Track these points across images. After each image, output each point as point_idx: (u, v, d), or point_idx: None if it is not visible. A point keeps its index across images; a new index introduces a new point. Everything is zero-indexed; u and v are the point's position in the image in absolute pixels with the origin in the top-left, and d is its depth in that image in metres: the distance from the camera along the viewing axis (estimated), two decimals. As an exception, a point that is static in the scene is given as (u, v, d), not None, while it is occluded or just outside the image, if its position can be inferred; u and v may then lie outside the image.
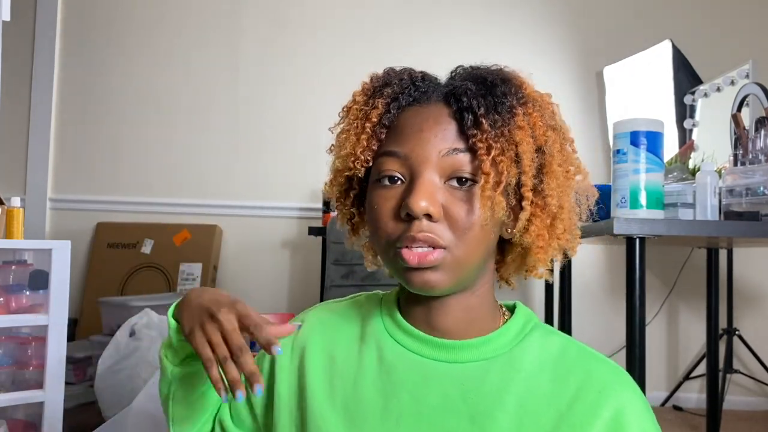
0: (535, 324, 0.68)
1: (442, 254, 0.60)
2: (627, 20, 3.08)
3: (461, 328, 0.65)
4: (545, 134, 0.62)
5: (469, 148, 0.60)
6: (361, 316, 0.71)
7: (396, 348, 0.67)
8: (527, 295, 3.00)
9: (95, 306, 2.50)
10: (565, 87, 3.06)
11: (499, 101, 0.61)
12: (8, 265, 1.74)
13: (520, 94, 0.62)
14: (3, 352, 1.71)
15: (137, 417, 1.72)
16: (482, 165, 0.59)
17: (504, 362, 0.64)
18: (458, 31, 3.07)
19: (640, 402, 0.62)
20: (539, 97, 0.65)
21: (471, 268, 0.62)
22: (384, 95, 0.64)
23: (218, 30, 3.13)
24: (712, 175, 1.55)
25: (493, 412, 0.61)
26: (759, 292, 2.96)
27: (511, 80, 0.64)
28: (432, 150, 0.60)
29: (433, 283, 0.61)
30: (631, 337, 1.44)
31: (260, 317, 0.61)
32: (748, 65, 2.36)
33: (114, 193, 3.08)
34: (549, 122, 0.63)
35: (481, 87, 0.62)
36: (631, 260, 1.45)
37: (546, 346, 0.66)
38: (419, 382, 0.64)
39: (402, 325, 0.68)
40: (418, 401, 0.63)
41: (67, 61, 3.13)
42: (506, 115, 0.60)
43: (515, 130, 0.60)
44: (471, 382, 0.63)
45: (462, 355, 0.65)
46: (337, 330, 0.71)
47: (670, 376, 2.93)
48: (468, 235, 0.60)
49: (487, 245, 0.62)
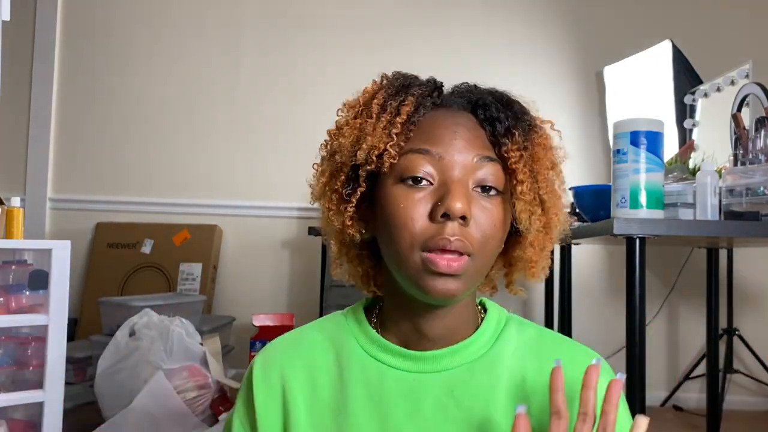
0: (507, 317, 0.70)
1: (467, 262, 0.60)
2: (627, 20, 3.08)
3: (449, 333, 0.66)
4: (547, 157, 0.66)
5: (498, 158, 0.62)
6: (331, 341, 0.69)
7: (380, 368, 0.65)
8: (527, 295, 3.00)
9: (95, 306, 2.50)
10: (565, 87, 3.06)
11: (521, 118, 0.64)
12: (8, 265, 1.74)
13: (530, 116, 0.66)
14: (3, 352, 1.71)
15: (137, 417, 1.73)
16: (517, 174, 0.62)
17: (487, 361, 0.65)
18: (458, 32, 3.07)
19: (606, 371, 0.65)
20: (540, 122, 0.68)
21: (482, 277, 0.65)
22: (413, 94, 0.64)
23: (218, 30, 3.13)
24: (712, 175, 1.55)
25: (487, 411, 0.62)
26: (759, 292, 2.96)
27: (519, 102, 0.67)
28: (467, 154, 0.61)
29: (453, 291, 0.60)
30: (631, 337, 1.44)
31: None
32: (748, 65, 2.35)
33: (114, 193, 3.08)
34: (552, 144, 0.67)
35: (500, 102, 0.65)
36: (631, 260, 1.45)
37: (523, 337, 0.68)
38: (411, 398, 0.64)
39: (380, 343, 0.67)
40: (414, 417, 0.63)
41: (67, 61, 3.13)
42: (529, 132, 0.64)
43: (537, 147, 0.64)
44: (460, 387, 0.64)
45: (446, 363, 0.65)
46: (311, 360, 0.68)
47: (670, 376, 2.93)
48: (490, 243, 0.61)
49: (498, 249, 0.65)
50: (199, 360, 1.98)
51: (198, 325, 2.22)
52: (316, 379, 0.67)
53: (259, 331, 2.46)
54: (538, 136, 0.65)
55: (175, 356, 1.92)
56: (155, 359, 1.88)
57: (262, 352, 0.71)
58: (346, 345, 0.68)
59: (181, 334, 1.97)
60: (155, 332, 1.94)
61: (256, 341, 2.44)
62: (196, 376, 1.92)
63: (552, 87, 3.04)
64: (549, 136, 0.67)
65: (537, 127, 0.66)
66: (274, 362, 0.69)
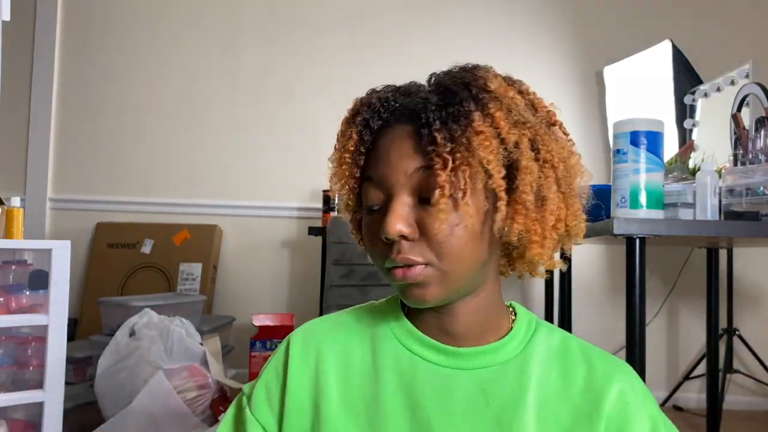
0: (537, 323, 0.70)
1: (424, 270, 0.60)
2: (627, 20, 3.08)
3: (475, 330, 0.66)
4: (510, 131, 0.60)
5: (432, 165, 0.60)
6: (369, 329, 0.70)
7: (413, 359, 0.66)
8: (527, 295, 3.00)
9: (95, 306, 2.50)
10: (565, 87, 3.06)
11: (457, 110, 0.60)
12: (8, 265, 1.74)
13: (481, 96, 0.61)
14: (3, 352, 1.71)
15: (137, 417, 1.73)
16: (437, 179, 0.58)
17: (518, 363, 0.66)
18: (458, 31, 3.07)
19: (641, 384, 0.66)
20: (504, 92, 0.62)
21: (464, 278, 0.62)
22: (356, 123, 0.64)
23: (218, 30, 3.13)
24: (712, 175, 1.55)
25: (516, 412, 0.63)
26: (759, 292, 2.96)
27: (475, 81, 0.62)
28: (399, 172, 0.61)
29: (425, 297, 0.62)
30: (631, 337, 1.44)
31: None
32: (748, 65, 2.36)
33: (114, 193, 3.08)
34: (516, 117, 0.61)
35: (442, 98, 0.61)
36: (631, 260, 1.45)
37: (550, 343, 0.68)
38: (442, 391, 0.64)
39: (415, 335, 0.68)
40: (444, 410, 0.64)
41: (67, 61, 3.13)
42: (463, 123, 0.59)
43: (473, 136, 0.59)
44: (491, 386, 0.64)
45: (479, 361, 0.66)
46: (346, 344, 0.69)
47: (670, 376, 2.93)
48: (447, 249, 0.60)
49: (476, 253, 0.62)
50: (199, 360, 1.98)
51: (198, 325, 2.22)
52: (350, 364, 0.68)
53: (259, 331, 2.46)
54: (483, 119, 0.60)
55: (175, 356, 1.92)
56: (155, 359, 1.88)
57: (302, 328, 0.72)
58: (381, 334, 0.69)
59: (181, 334, 1.97)
60: (155, 332, 1.94)
61: (256, 341, 2.44)
62: (196, 376, 1.92)
63: (552, 87, 3.04)
64: (506, 111, 0.61)
65: (485, 107, 0.60)
66: (312, 339, 0.70)
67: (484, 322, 0.67)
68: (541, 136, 0.63)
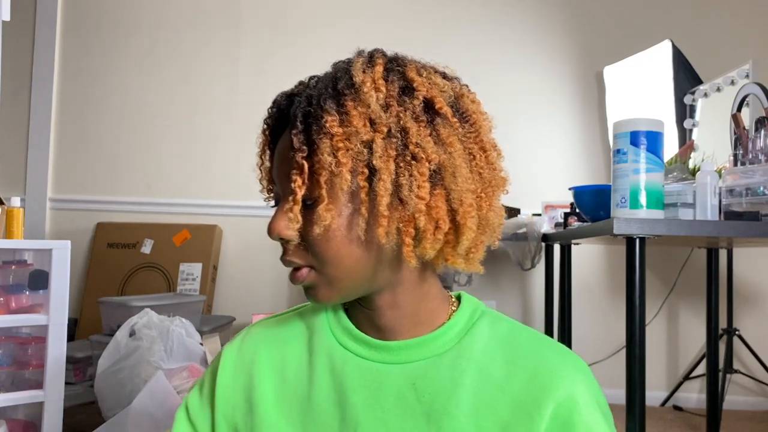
0: (483, 311, 0.66)
1: (308, 273, 0.61)
2: (627, 20, 3.08)
3: (404, 323, 0.64)
4: (364, 130, 0.57)
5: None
6: (308, 327, 0.69)
7: (346, 355, 0.65)
8: (527, 296, 3.00)
9: (95, 306, 2.50)
10: (565, 87, 3.06)
11: (315, 111, 0.58)
12: (8, 265, 1.74)
13: (344, 92, 0.58)
14: (3, 352, 1.71)
15: (137, 417, 1.73)
16: (291, 185, 0.57)
17: (454, 355, 0.63)
18: (458, 31, 3.07)
19: (591, 387, 0.60)
20: (367, 85, 0.58)
21: (351, 280, 0.61)
22: (265, 123, 0.66)
23: (218, 29, 3.13)
24: (712, 175, 1.55)
25: (447, 408, 0.60)
26: (759, 292, 2.96)
27: (344, 75, 0.60)
28: (280, 175, 0.62)
29: (316, 298, 0.63)
30: (631, 337, 1.44)
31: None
32: (748, 65, 2.36)
33: (114, 193, 3.08)
34: (371, 113, 0.57)
35: (309, 97, 0.60)
36: (631, 260, 1.45)
37: (495, 333, 0.64)
38: (372, 387, 0.63)
39: (350, 330, 0.66)
40: (374, 406, 0.62)
41: (67, 61, 3.13)
42: (319, 125, 0.57)
43: (326, 139, 0.56)
44: (423, 380, 0.62)
45: (411, 355, 0.63)
46: (284, 344, 0.69)
47: (670, 376, 2.93)
48: (321, 254, 0.59)
49: (354, 256, 0.59)
50: (199, 360, 1.98)
51: (198, 325, 2.22)
52: (287, 363, 0.67)
53: (259, 331, 2.46)
54: (338, 120, 0.57)
55: (175, 356, 1.92)
56: (155, 359, 1.88)
57: (242, 333, 0.73)
58: (319, 331, 0.68)
59: (181, 334, 1.97)
60: (155, 332, 1.94)
61: (256, 341, 2.43)
62: (196, 376, 1.92)
63: (552, 87, 3.04)
64: (365, 106, 0.57)
65: (342, 106, 0.57)
66: (249, 343, 0.70)
67: (411, 316, 0.64)
68: (410, 129, 0.57)
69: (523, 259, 2.57)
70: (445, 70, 0.66)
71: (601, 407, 0.60)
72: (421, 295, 0.64)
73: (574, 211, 2.25)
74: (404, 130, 0.57)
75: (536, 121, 3.02)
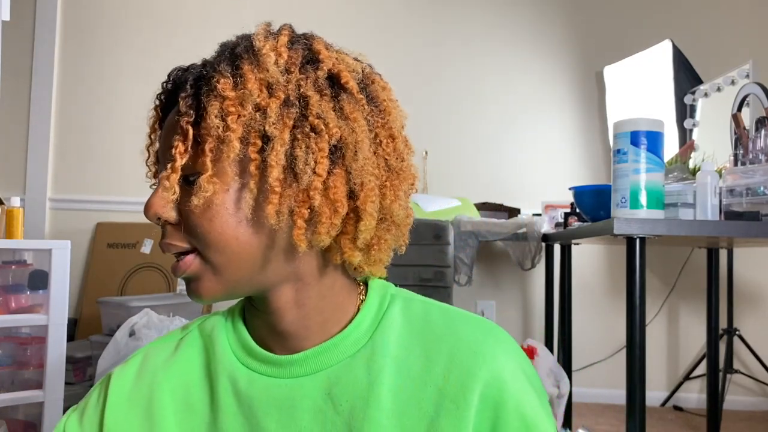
0: (392, 296, 0.60)
1: (193, 260, 0.54)
2: (627, 20, 3.08)
3: (309, 326, 0.58)
4: (260, 94, 0.52)
5: None
6: (206, 348, 0.62)
7: (250, 375, 0.58)
8: (527, 295, 3.00)
9: (95, 306, 2.50)
10: (565, 87, 3.06)
11: (209, 73, 0.54)
12: (8, 265, 1.74)
13: (240, 56, 0.54)
14: (3, 352, 1.71)
15: (137, 417, 1.72)
16: (171, 152, 0.52)
17: (367, 353, 0.57)
18: (458, 31, 3.07)
19: (516, 359, 0.56)
20: (266, 50, 0.54)
21: (239, 268, 0.54)
22: (156, 103, 0.61)
23: (218, 29, 3.12)
24: (712, 175, 1.55)
25: (367, 412, 0.55)
26: (759, 292, 2.96)
27: (244, 41, 0.57)
28: (164, 148, 0.56)
29: (200, 293, 0.55)
30: (631, 337, 1.44)
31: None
32: (748, 65, 2.36)
33: (114, 193, 3.08)
34: (268, 77, 0.53)
35: (203, 65, 0.56)
36: (631, 260, 1.45)
37: (408, 319, 0.58)
38: (285, 407, 0.57)
39: (249, 347, 0.59)
40: (289, 428, 0.56)
41: (67, 61, 3.13)
42: (209, 88, 0.53)
43: (214, 102, 0.52)
44: (338, 387, 0.56)
45: (321, 362, 0.57)
46: (184, 370, 0.61)
47: (670, 376, 2.93)
48: (203, 235, 0.53)
49: (242, 239, 0.53)
50: (199, 360, 1.98)
51: (198, 325, 2.22)
52: (191, 390, 0.60)
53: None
54: (231, 83, 0.53)
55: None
56: (155, 359, 1.88)
57: (138, 361, 0.63)
58: (218, 351, 0.60)
59: (181, 334, 1.97)
60: (155, 332, 1.93)
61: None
62: (196, 376, 1.92)
63: (552, 87, 3.04)
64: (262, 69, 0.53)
65: (237, 69, 0.53)
66: (146, 374, 0.62)
67: (315, 314, 0.57)
68: (310, 99, 0.53)
69: (523, 259, 2.57)
70: (357, 56, 0.61)
71: (530, 379, 0.56)
72: (325, 289, 0.58)
73: (574, 211, 2.25)
74: (304, 98, 0.53)
75: (536, 121, 3.02)
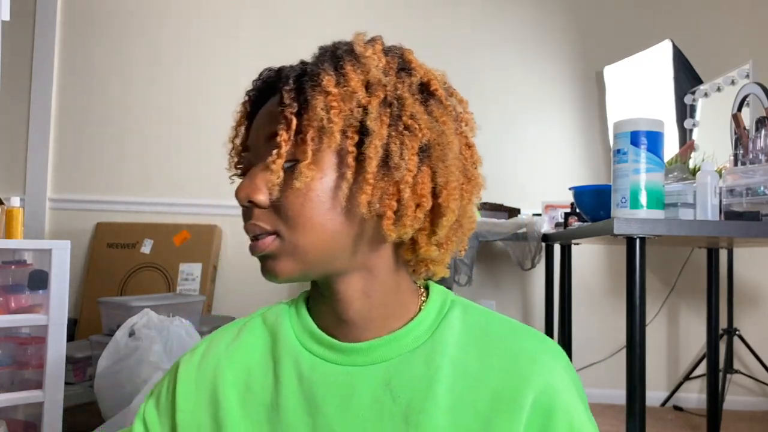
0: (453, 301, 0.64)
1: (272, 241, 0.58)
2: (627, 20, 3.08)
3: (373, 317, 0.61)
4: (360, 91, 0.56)
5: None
6: (270, 333, 0.65)
7: (313, 361, 0.62)
8: (527, 295, 3.00)
9: (95, 306, 2.50)
10: (565, 87, 3.06)
11: (312, 70, 0.58)
12: (8, 265, 1.74)
13: (341, 57, 0.58)
14: (3, 352, 1.71)
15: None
16: (277, 140, 0.56)
17: (427, 350, 0.60)
18: (458, 31, 3.07)
19: (568, 372, 0.60)
20: (367, 53, 0.58)
21: (318, 251, 0.58)
22: (245, 99, 0.66)
23: (218, 29, 3.13)
24: (712, 175, 1.55)
25: (424, 405, 0.58)
26: (759, 292, 2.95)
27: (344, 45, 0.60)
28: (260, 137, 0.60)
29: (275, 271, 0.59)
30: (631, 337, 1.44)
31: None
32: (748, 65, 2.36)
33: (114, 193, 3.08)
34: (370, 77, 0.57)
35: (305, 64, 0.60)
36: (631, 260, 1.45)
37: (467, 323, 0.62)
38: (344, 393, 0.60)
39: (313, 333, 0.63)
40: (347, 413, 0.59)
41: (67, 62, 3.13)
42: (313, 83, 0.56)
43: (321, 96, 0.56)
44: (397, 379, 0.59)
45: (382, 354, 0.60)
46: (247, 354, 0.65)
47: (670, 376, 2.93)
48: (294, 218, 0.57)
49: (328, 224, 0.57)
50: (199, 360, 1.98)
51: (198, 325, 2.22)
52: (252, 373, 0.64)
53: (259, 331, 2.46)
54: (334, 80, 0.56)
55: (175, 356, 1.92)
56: (155, 359, 1.88)
57: (203, 347, 0.68)
58: (282, 336, 0.64)
59: (180, 334, 1.97)
60: (155, 332, 1.94)
61: (256, 341, 2.43)
62: (196, 376, 1.91)
63: (552, 87, 3.04)
64: (365, 71, 0.57)
65: (340, 69, 0.57)
66: (210, 358, 0.66)
67: (381, 307, 0.61)
68: (404, 99, 0.57)
69: (523, 259, 2.57)
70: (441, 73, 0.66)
71: (579, 392, 0.59)
72: (394, 285, 0.62)
73: (574, 211, 2.25)
74: (400, 99, 0.57)
75: (536, 121, 3.02)
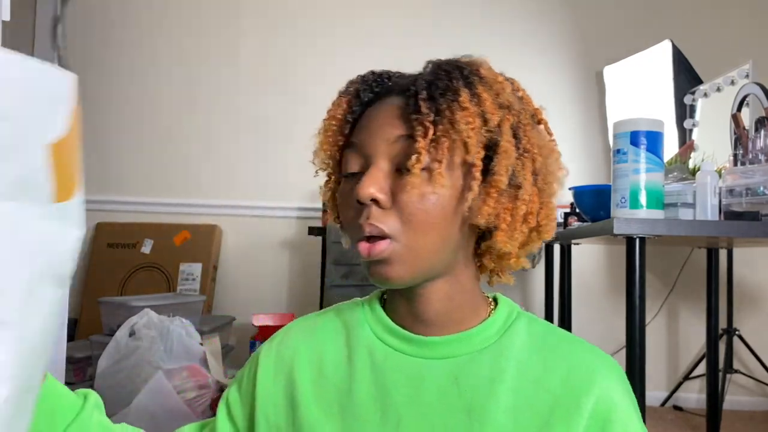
0: (519, 312, 0.69)
1: (389, 245, 0.60)
2: (627, 20, 3.08)
3: (448, 317, 0.65)
4: (494, 113, 0.61)
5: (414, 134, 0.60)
6: (344, 324, 0.71)
7: (385, 350, 0.66)
8: (527, 295, 3.00)
9: (95, 306, 2.50)
10: (565, 87, 3.06)
11: (446, 84, 0.61)
12: (8, 265, 1.74)
13: (470, 78, 0.62)
14: (3, 352, 1.71)
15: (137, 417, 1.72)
16: (416, 146, 0.58)
17: (494, 352, 0.64)
18: (457, 31, 3.07)
19: (625, 385, 0.63)
20: (494, 77, 0.64)
21: (430, 257, 0.61)
22: (348, 93, 0.67)
23: (218, 29, 3.13)
24: (712, 175, 1.55)
25: (488, 401, 0.61)
26: (759, 292, 2.96)
27: (468, 65, 0.64)
28: (380, 138, 0.61)
29: (388, 276, 0.61)
30: (631, 337, 1.44)
31: None
32: (748, 65, 2.36)
33: (114, 193, 3.08)
34: (501, 101, 0.62)
35: (433, 75, 0.63)
36: (631, 260, 1.45)
37: (532, 333, 0.66)
38: (414, 383, 0.64)
39: (388, 326, 0.67)
40: (415, 402, 0.63)
41: (67, 62, 3.12)
42: (450, 97, 0.60)
43: (458, 111, 0.59)
44: (464, 375, 0.63)
45: (453, 350, 0.64)
46: (322, 342, 0.70)
47: (670, 376, 2.93)
48: (415, 220, 0.59)
49: (444, 230, 0.61)
50: (199, 360, 1.98)
51: (198, 325, 2.22)
52: (324, 359, 0.68)
53: (259, 331, 2.46)
54: (469, 96, 0.60)
55: (175, 356, 1.92)
56: (155, 359, 1.88)
57: (281, 334, 0.73)
58: (357, 327, 0.69)
59: (181, 334, 1.97)
60: (155, 332, 1.94)
61: (256, 341, 2.44)
62: (196, 376, 1.92)
63: (552, 87, 3.04)
64: (493, 93, 0.62)
65: (473, 87, 0.61)
66: (288, 342, 0.71)
67: (458, 310, 0.65)
68: (524, 125, 0.63)
69: (523, 259, 2.57)
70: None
71: (635, 406, 0.63)
72: (471, 290, 0.67)
73: (574, 211, 2.25)
74: (522, 124, 0.63)
75: (536, 121, 3.02)
